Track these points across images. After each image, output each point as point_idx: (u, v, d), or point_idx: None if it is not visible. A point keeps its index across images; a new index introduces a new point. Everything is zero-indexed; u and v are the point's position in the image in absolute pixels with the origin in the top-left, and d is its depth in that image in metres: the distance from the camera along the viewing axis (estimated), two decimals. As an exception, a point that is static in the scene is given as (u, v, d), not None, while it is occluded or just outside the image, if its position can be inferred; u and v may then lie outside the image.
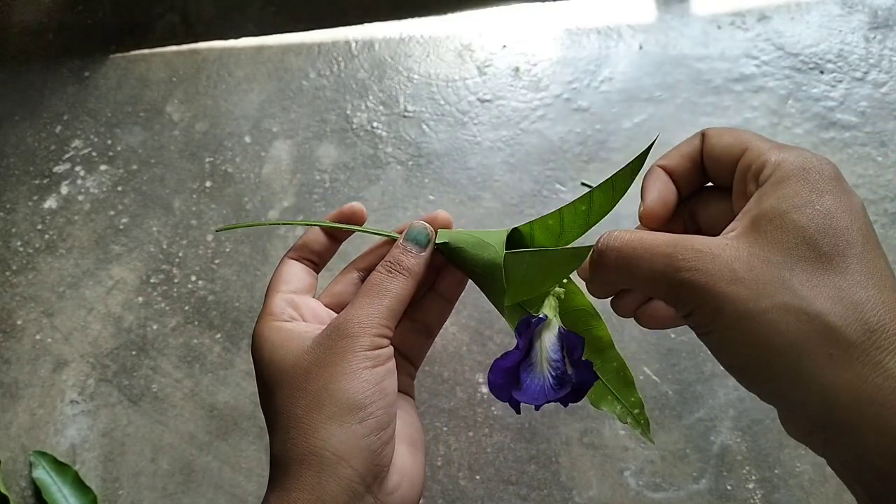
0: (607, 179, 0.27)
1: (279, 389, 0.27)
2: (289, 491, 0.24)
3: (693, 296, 0.22)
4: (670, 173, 0.28)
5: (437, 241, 0.30)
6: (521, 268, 0.26)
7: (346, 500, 0.24)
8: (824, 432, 0.21)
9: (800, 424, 0.22)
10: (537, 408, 0.27)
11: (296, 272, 0.33)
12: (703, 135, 0.28)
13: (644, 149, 0.27)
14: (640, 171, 0.27)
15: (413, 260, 0.29)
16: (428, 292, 0.33)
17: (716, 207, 0.28)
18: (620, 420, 0.30)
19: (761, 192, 0.23)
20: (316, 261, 0.34)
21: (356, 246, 0.49)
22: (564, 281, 0.29)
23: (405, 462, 0.28)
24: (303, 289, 0.32)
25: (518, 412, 0.27)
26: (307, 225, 0.33)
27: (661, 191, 0.27)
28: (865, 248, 0.21)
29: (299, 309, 0.31)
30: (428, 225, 0.31)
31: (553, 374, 0.26)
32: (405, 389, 0.32)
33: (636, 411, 0.30)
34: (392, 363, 0.27)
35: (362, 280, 0.33)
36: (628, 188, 0.28)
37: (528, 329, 0.26)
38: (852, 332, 0.20)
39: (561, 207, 0.29)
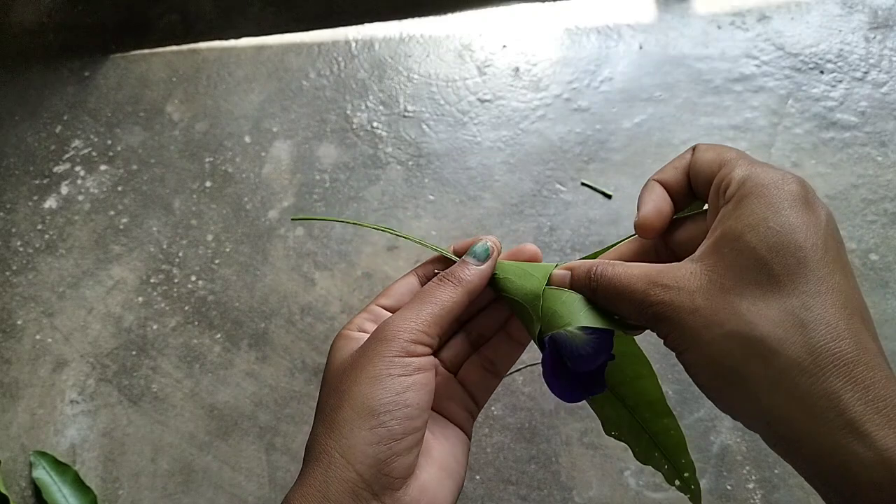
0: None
1: (322, 389, 0.28)
2: (301, 484, 0.25)
3: (664, 326, 0.24)
4: (665, 186, 0.28)
5: (489, 270, 0.30)
6: (554, 304, 0.27)
7: (350, 502, 0.24)
8: (777, 447, 0.22)
9: (763, 438, 0.23)
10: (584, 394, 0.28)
11: (404, 289, 0.32)
12: (693, 149, 0.28)
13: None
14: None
15: (467, 271, 0.29)
16: (499, 332, 0.33)
17: (693, 225, 0.29)
18: (668, 482, 0.29)
19: (724, 211, 0.24)
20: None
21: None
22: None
23: (431, 483, 0.27)
24: (400, 301, 0.31)
25: (577, 398, 0.28)
26: (390, 232, 0.33)
27: (655, 202, 0.28)
28: (820, 265, 0.21)
29: (374, 314, 0.31)
30: (494, 241, 0.30)
31: (570, 372, 0.27)
32: (461, 423, 0.32)
33: (686, 475, 0.29)
34: (424, 376, 0.26)
35: (421, 284, 0.32)
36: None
37: (542, 344, 0.27)
38: (793, 353, 0.20)
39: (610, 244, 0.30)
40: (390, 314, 0.30)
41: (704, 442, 0.54)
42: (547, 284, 0.28)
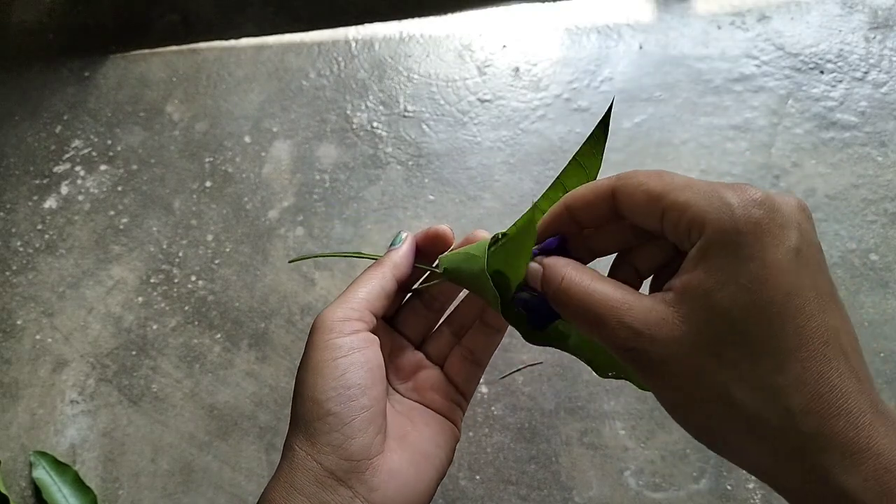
0: (572, 160, 0.27)
1: None
2: (273, 479, 0.27)
3: (638, 369, 0.23)
4: (570, 209, 0.27)
5: (438, 268, 0.31)
6: (502, 261, 0.27)
7: (317, 490, 0.25)
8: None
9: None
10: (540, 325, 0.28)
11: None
12: (612, 192, 0.25)
13: (603, 116, 0.26)
14: (605, 142, 0.27)
15: (385, 255, 0.31)
16: (477, 322, 0.33)
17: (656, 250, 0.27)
18: (633, 382, 0.29)
19: (692, 257, 0.22)
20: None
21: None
22: None
23: (403, 467, 0.27)
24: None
25: (540, 326, 0.28)
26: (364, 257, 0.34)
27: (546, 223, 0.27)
28: (787, 320, 0.20)
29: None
30: (404, 231, 0.32)
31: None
32: (446, 413, 0.32)
33: None
34: (361, 353, 0.27)
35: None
36: (599, 164, 0.27)
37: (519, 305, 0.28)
38: (773, 419, 0.20)
39: (535, 202, 0.29)
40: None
41: (704, 442, 0.54)
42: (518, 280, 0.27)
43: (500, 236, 0.29)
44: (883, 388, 0.55)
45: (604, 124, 0.26)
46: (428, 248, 0.32)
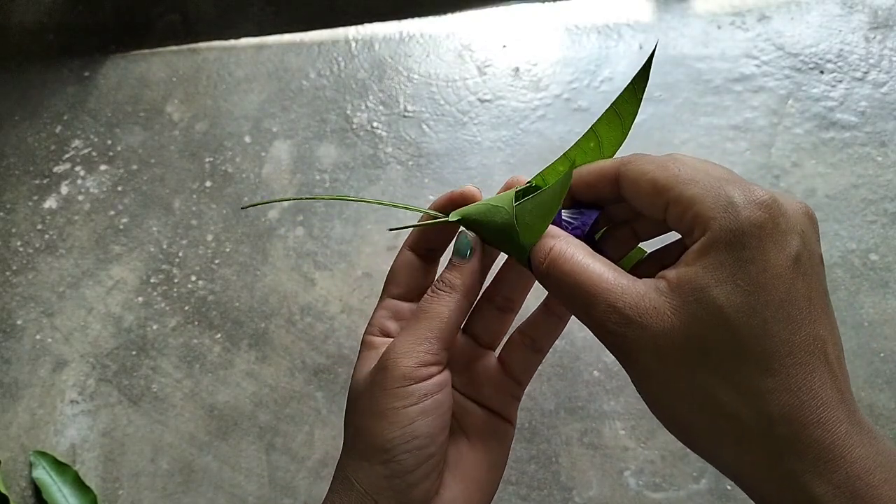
0: (609, 109, 0.26)
1: (347, 404, 0.28)
2: (329, 501, 0.26)
3: (620, 358, 0.22)
4: (570, 189, 0.27)
5: (451, 219, 0.28)
6: (526, 217, 0.25)
7: None
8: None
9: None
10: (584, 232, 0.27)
11: (404, 270, 0.30)
12: (617, 175, 0.25)
13: (645, 63, 0.25)
14: (643, 91, 0.25)
15: (456, 273, 0.27)
16: (540, 307, 0.31)
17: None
18: None
19: (692, 252, 0.21)
20: (433, 248, 0.31)
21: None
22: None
23: (457, 501, 0.27)
24: (414, 288, 0.30)
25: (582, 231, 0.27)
26: (344, 200, 0.31)
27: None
28: (782, 325, 0.20)
29: (402, 317, 0.30)
30: (469, 234, 0.28)
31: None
32: (502, 410, 0.31)
33: None
34: (433, 400, 0.26)
35: (419, 255, 0.31)
36: (636, 113, 0.26)
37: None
38: (752, 421, 0.20)
39: (567, 150, 0.27)
40: (405, 303, 0.29)
41: (704, 442, 0.54)
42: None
43: (530, 187, 0.28)
44: (883, 388, 0.55)
45: (644, 71, 0.25)
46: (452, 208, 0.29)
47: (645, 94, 0.26)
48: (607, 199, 0.25)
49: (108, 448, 0.59)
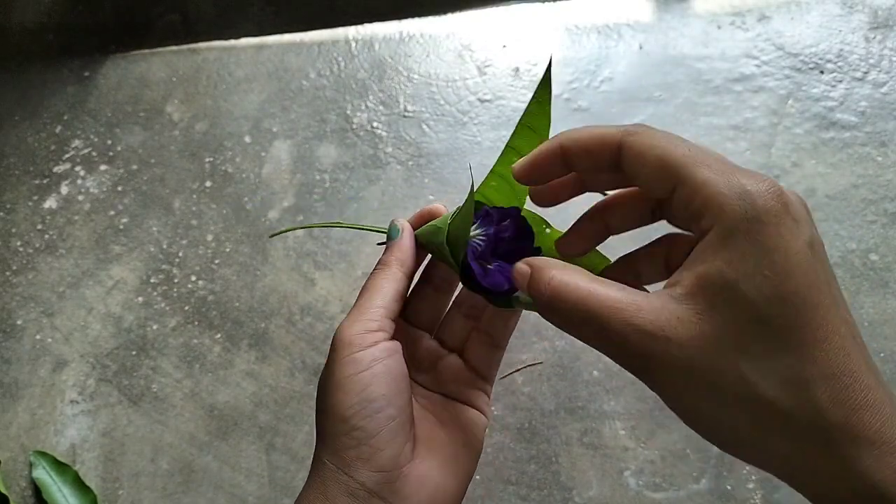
0: (519, 124, 0.27)
1: None
2: (305, 488, 0.27)
3: (648, 381, 0.22)
4: (567, 152, 0.25)
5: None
6: (454, 236, 0.27)
7: (350, 501, 0.25)
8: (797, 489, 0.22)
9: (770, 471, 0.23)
10: (496, 297, 0.28)
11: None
12: (620, 145, 0.23)
13: (544, 73, 0.25)
14: (549, 101, 0.26)
15: (387, 253, 0.30)
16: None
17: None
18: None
19: (707, 245, 0.20)
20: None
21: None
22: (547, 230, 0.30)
23: (431, 473, 0.28)
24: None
25: (489, 297, 0.28)
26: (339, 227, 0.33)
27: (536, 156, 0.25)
28: (813, 312, 0.20)
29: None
30: (399, 221, 0.31)
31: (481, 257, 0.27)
32: (473, 401, 0.32)
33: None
34: (382, 365, 0.27)
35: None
36: (549, 123, 0.26)
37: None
38: (803, 413, 0.20)
39: (492, 168, 0.29)
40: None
41: (704, 442, 0.54)
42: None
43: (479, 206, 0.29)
44: (883, 388, 0.55)
45: (546, 82, 0.25)
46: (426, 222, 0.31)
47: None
48: (600, 167, 0.24)
49: (108, 448, 0.59)
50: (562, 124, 0.69)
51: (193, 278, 0.66)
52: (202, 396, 0.61)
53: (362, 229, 0.33)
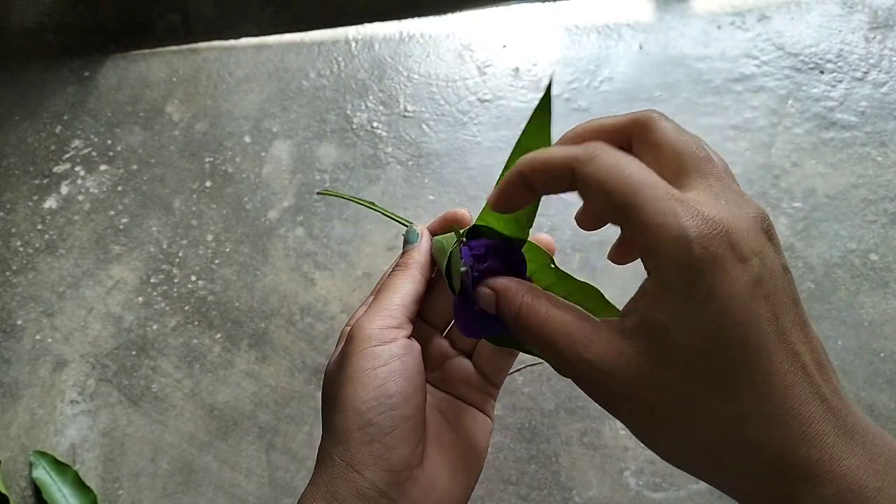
0: (516, 149, 0.26)
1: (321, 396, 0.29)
2: (310, 486, 0.27)
3: (602, 403, 0.23)
4: (529, 178, 0.25)
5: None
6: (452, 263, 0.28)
7: (357, 501, 0.25)
8: None
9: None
10: (485, 335, 0.28)
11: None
12: (573, 161, 0.23)
13: (543, 96, 0.24)
14: (549, 125, 0.25)
15: (406, 255, 0.30)
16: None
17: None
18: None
19: (648, 287, 0.21)
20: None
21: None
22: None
23: (442, 475, 0.27)
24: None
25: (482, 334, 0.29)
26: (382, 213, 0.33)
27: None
28: (755, 355, 0.20)
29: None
30: (418, 227, 0.32)
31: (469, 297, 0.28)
32: (479, 405, 0.32)
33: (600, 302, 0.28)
34: (400, 362, 0.26)
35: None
36: (550, 144, 0.25)
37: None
38: (732, 448, 0.20)
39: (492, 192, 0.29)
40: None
41: (704, 442, 0.54)
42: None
43: (472, 228, 0.30)
44: (883, 388, 0.55)
45: (545, 105, 0.24)
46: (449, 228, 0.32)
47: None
48: (562, 189, 0.24)
49: (108, 448, 0.59)
50: (562, 124, 0.69)
51: (193, 278, 0.66)
52: (202, 396, 0.61)
53: (393, 218, 0.33)
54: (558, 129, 0.25)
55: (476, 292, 0.27)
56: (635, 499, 0.53)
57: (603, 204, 0.21)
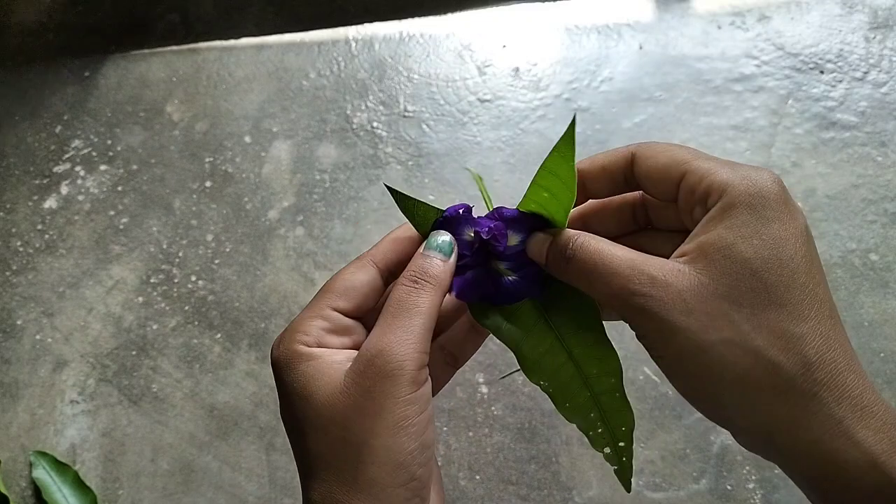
0: (541, 171, 0.26)
1: (313, 433, 0.23)
2: None
3: (645, 321, 0.22)
4: (584, 176, 0.27)
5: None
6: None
7: None
8: (769, 454, 0.22)
9: (748, 444, 0.23)
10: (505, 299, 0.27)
11: (366, 288, 0.27)
12: (633, 154, 0.26)
13: (568, 128, 0.25)
14: (573, 156, 0.25)
15: (439, 268, 0.26)
16: (465, 324, 0.30)
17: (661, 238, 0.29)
18: (595, 447, 0.26)
19: (709, 218, 0.23)
20: (397, 272, 0.28)
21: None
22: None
23: None
24: (365, 309, 0.27)
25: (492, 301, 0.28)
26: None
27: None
28: (807, 278, 0.21)
29: (346, 334, 0.27)
30: (449, 235, 0.28)
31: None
32: (442, 380, 0.30)
33: (621, 444, 0.26)
34: (432, 405, 0.24)
35: (383, 278, 0.28)
36: (573, 170, 0.25)
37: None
38: (791, 365, 0.20)
39: (527, 192, 0.28)
40: (351, 321, 0.27)
41: (704, 442, 0.54)
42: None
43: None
44: (883, 388, 0.55)
45: (569, 136, 0.25)
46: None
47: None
48: (614, 185, 0.27)
49: (108, 448, 0.59)
50: (562, 125, 0.69)
51: (193, 278, 0.66)
52: (202, 396, 0.61)
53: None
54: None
55: (528, 240, 0.27)
56: (635, 499, 0.53)
57: (665, 164, 0.25)
